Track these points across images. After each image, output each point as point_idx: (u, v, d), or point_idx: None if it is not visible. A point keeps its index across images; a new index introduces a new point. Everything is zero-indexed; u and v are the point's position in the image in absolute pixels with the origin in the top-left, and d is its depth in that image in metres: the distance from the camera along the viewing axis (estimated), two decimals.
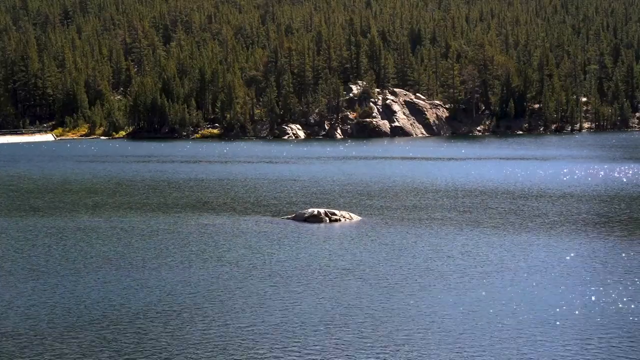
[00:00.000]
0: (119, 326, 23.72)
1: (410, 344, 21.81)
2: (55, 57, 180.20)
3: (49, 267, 31.94)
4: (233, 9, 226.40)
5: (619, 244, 35.70)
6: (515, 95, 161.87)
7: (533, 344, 21.71)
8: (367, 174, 70.60)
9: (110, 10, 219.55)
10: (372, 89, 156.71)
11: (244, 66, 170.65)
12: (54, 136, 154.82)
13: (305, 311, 25.00)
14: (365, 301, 26.11)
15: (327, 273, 30.20)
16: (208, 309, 25.42)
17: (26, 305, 26.08)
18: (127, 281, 29.25)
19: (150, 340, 22.36)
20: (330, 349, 21.45)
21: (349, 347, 21.59)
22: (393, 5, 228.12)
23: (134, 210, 47.90)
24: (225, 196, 55.68)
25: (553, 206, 47.95)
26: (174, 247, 35.69)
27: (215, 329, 23.40)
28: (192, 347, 21.74)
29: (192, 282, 28.97)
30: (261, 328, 23.31)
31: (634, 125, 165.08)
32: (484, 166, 79.16)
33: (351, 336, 22.51)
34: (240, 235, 38.66)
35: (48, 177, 71.34)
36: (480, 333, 22.66)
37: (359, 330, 23.05)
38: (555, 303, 25.58)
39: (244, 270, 30.94)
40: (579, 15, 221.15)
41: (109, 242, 37.24)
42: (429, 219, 43.43)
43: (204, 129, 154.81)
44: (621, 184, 59.98)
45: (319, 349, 21.47)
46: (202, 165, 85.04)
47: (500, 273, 29.91)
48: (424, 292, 27.18)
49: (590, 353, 21.11)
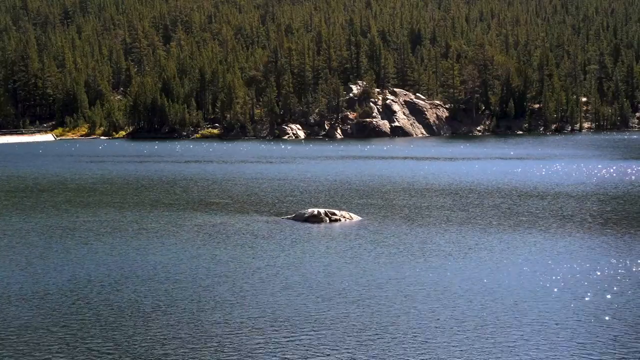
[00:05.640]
0: (110, 328, 23.70)
1: (410, 344, 21.81)
2: (55, 57, 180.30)
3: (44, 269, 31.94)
4: (233, 9, 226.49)
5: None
6: (515, 95, 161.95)
7: (537, 344, 21.70)
8: (367, 174, 70.59)
9: (110, 10, 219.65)
10: (372, 89, 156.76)
11: (244, 66, 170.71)
12: (54, 136, 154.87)
13: (305, 311, 25.00)
14: (365, 301, 26.10)
15: (327, 273, 30.19)
16: (205, 308, 25.39)
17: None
18: (120, 278, 29.24)
19: (144, 338, 22.36)
20: (327, 349, 21.44)
21: (349, 348, 21.58)
22: (393, 5, 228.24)
23: (134, 210, 47.90)
24: (224, 196, 55.68)
25: (564, 205, 47.97)
26: (171, 247, 35.67)
27: (208, 326, 23.39)
28: (187, 347, 21.74)
29: (191, 282, 28.96)
30: (258, 327, 23.29)
31: (634, 125, 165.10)
32: (484, 165, 79.16)
33: (351, 336, 22.50)
34: (239, 235, 38.65)
35: (62, 176, 71.44)
36: (481, 334, 22.65)
37: (358, 330, 23.04)
38: (558, 303, 25.58)
39: (243, 270, 30.93)
40: (579, 15, 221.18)
41: (104, 241, 37.21)
42: (430, 218, 43.42)
43: (204, 129, 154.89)
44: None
45: (317, 349, 21.46)
46: (202, 165, 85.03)
47: (501, 273, 29.90)
48: (424, 293, 27.17)
49: (588, 353, 21.12)
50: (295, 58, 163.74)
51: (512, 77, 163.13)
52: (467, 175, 68.87)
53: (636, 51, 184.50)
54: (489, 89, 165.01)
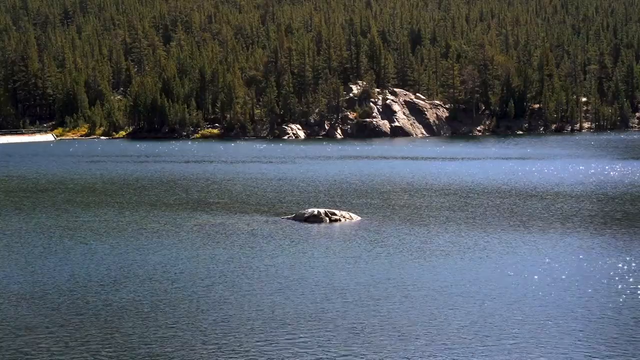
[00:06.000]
0: (110, 328, 23.69)
1: (410, 344, 21.80)
2: (55, 57, 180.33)
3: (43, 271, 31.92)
4: (233, 9, 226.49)
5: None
6: (515, 95, 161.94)
7: (536, 344, 21.70)
8: (367, 174, 70.59)
9: (110, 10, 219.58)
10: (372, 89, 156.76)
11: (244, 66, 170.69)
12: (54, 136, 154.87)
13: (305, 311, 24.98)
14: (365, 301, 26.10)
15: (327, 273, 30.18)
16: (205, 308, 25.39)
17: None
18: (120, 278, 29.23)
19: (143, 338, 22.35)
20: (327, 349, 21.43)
21: (349, 347, 21.57)
22: (393, 5, 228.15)
23: (133, 210, 47.89)
24: (224, 196, 55.67)
25: (564, 205, 47.96)
26: (171, 247, 35.66)
27: (208, 326, 23.38)
28: (187, 347, 21.73)
29: (190, 282, 28.95)
30: (258, 327, 23.28)
31: (634, 125, 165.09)
32: (484, 165, 79.17)
33: (350, 336, 22.49)
34: (239, 235, 38.64)
35: (66, 175, 71.47)
36: (481, 333, 22.65)
37: (358, 330, 23.03)
38: (558, 303, 25.57)
39: (243, 270, 30.91)
40: (579, 15, 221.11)
41: (103, 241, 37.21)
42: (430, 218, 43.42)
43: (204, 129, 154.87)
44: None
45: (316, 349, 21.45)
46: (202, 165, 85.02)
47: (500, 272, 29.89)
48: (424, 292, 27.16)
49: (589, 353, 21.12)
50: (295, 58, 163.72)
51: (512, 77, 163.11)
52: (467, 175, 68.85)
53: (636, 51, 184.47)
54: (489, 89, 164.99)
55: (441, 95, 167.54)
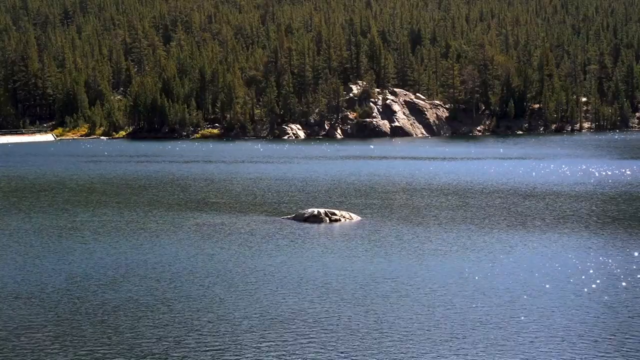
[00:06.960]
0: (108, 328, 23.66)
1: (410, 344, 21.77)
2: (55, 57, 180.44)
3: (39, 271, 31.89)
4: (233, 9, 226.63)
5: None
6: (515, 95, 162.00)
7: (535, 343, 21.67)
8: (366, 174, 70.56)
9: (110, 10, 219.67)
10: (372, 89, 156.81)
11: (244, 66, 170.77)
12: (54, 136, 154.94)
13: (304, 311, 24.95)
14: (364, 301, 26.06)
15: (327, 273, 30.15)
16: (204, 308, 25.36)
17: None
18: (119, 278, 29.20)
19: (142, 337, 22.32)
20: (327, 349, 21.40)
21: (348, 347, 21.54)
22: (393, 5, 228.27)
23: (133, 210, 47.85)
24: (224, 195, 55.64)
25: (563, 205, 47.93)
26: (170, 247, 35.62)
27: (207, 325, 23.35)
28: (186, 346, 21.70)
29: (189, 281, 28.92)
30: (257, 327, 23.25)
31: (634, 125, 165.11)
32: (484, 165, 79.13)
33: (350, 336, 22.46)
34: (239, 235, 38.60)
35: (69, 175, 71.43)
36: (480, 333, 22.62)
37: (357, 330, 23.00)
38: (557, 303, 25.54)
39: (242, 270, 30.88)
40: (579, 15, 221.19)
41: (102, 240, 37.17)
42: (430, 218, 43.38)
43: (204, 129, 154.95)
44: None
45: (316, 349, 21.42)
46: (201, 165, 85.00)
47: (500, 272, 29.86)
48: (423, 292, 27.13)
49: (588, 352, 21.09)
50: (295, 58, 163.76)
51: (512, 77, 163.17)
52: (467, 175, 68.82)
53: (636, 51, 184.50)
54: (489, 89, 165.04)
55: (441, 95, 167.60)
